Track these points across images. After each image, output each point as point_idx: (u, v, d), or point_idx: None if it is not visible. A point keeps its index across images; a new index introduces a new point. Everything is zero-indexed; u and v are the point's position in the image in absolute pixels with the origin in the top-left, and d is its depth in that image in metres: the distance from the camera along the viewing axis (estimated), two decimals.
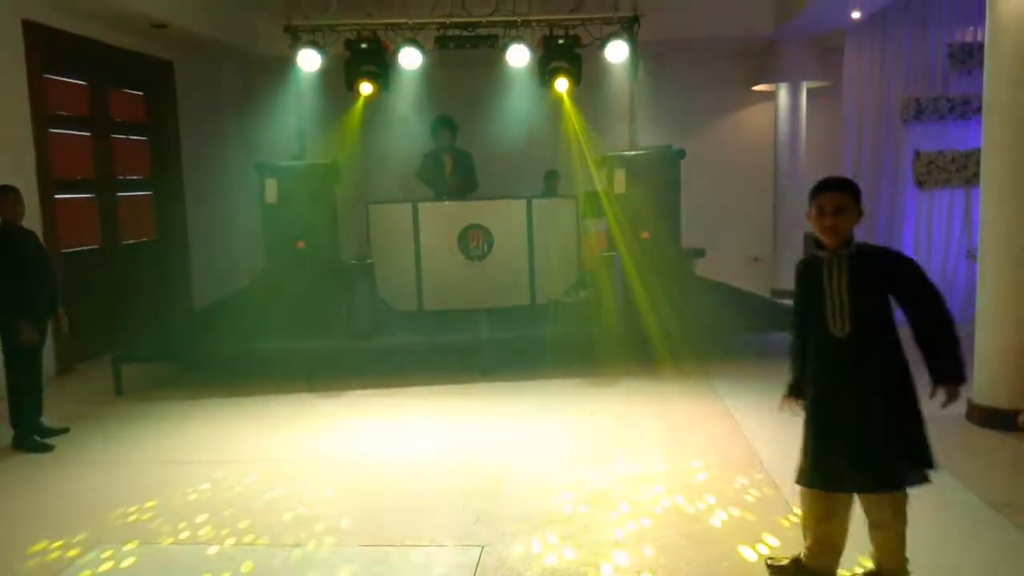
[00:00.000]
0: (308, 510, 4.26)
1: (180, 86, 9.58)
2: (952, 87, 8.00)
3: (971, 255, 7.89)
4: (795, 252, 10.48)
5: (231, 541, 3.92)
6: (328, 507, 4.30)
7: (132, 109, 9.08)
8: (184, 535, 4.01)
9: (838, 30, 9.37)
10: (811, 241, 3.23)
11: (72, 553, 3.82)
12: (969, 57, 7.87)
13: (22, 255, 5.29)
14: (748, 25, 9.61)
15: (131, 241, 8.89)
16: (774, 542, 3.73)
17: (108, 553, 3.81)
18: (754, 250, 11.18)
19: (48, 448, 5.35)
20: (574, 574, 3.50)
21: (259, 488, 4.58)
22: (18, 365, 5.35)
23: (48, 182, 7.25)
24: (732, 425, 5.45)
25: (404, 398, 6.35)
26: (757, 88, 10.75)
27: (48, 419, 5.63)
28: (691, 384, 6.44)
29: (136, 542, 3.93)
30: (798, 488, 3.31)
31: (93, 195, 8.30)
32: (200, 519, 4.18)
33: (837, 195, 3.09)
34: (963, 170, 7.48)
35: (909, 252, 8.38)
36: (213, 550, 3.83)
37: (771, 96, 10.65)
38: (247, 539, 3.94)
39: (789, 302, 3.64)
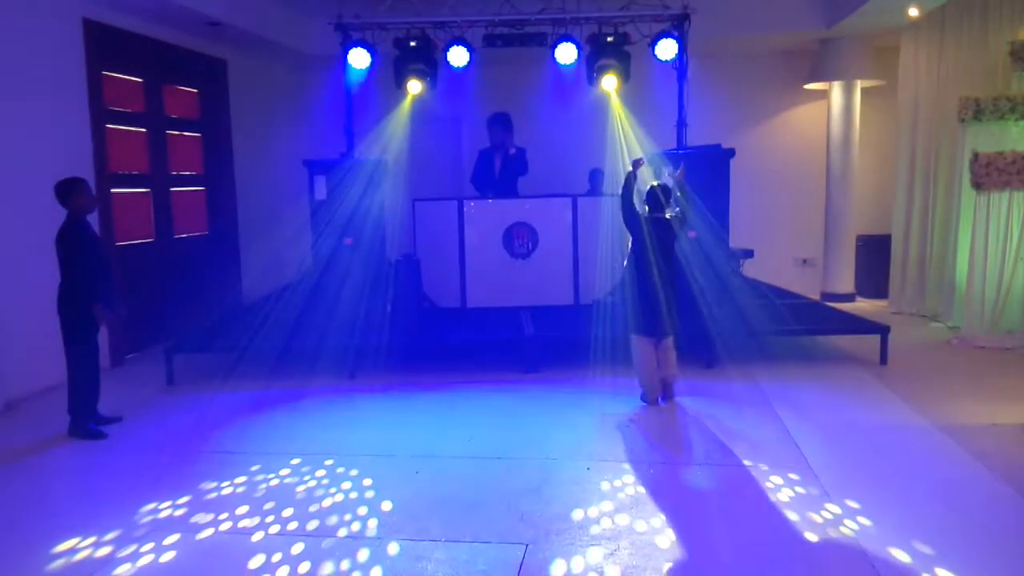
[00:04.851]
0: (352, 504, 4.30)
1: (233, 83, 9.74)
2: (1013, 86, 7.76)
3: None
4: (847, 255, 10.30)
5: (275, 532, 3.98)
6: (372, 502, 4.33)
7: (186, 106, 9.26)
8: (228, 524, 4.08)
9: (894, 28, 9.16)
10: None
11: (104, 550, 3.88)
12: None
13: (90, 247, 5.44)
14: (801, 23, 9.43)
15: (183, 235, 9.07)
16: (818, 541, 3.67)
17: (154, 541, 3.90)
18: (804, 252, 10.99)
19: (103, 435, 5.49)
20: (618, 575, 3.48)
21: (304, 480, 4.64)
22: (81, 353, 5.49)
23: (104, 176, 7.43)
24: (779, 427, 5.37)
25: (447, 394, 6.38)
26: (809, 87, 10.56)
27: (101, 408, 5.77)
28: (738, 386, 6.37)
29: (180, 531, 4.01)
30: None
31: (147, 189, 8.48)
32: (245, 509, 4.24)
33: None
34: None
35: (965, 255, 8.16)
36: (257, 540, 3.89)
37: (824, 95, 10.45)
38: (291, 530, 3.99)
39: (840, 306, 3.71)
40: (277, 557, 3.71)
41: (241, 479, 4.67)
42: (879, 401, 5.97)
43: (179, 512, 4.23)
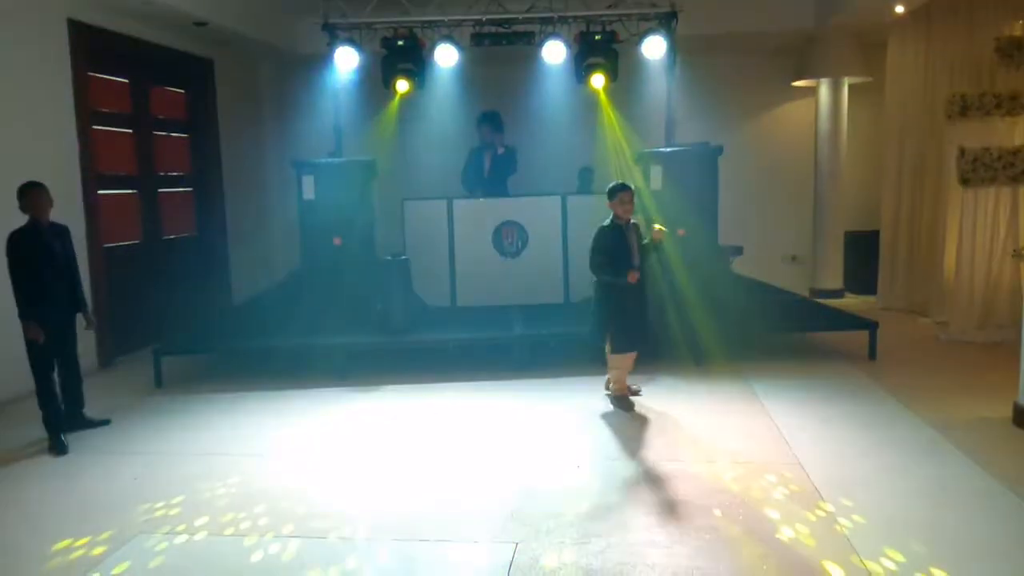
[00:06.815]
0: (343, 505, 4.29)
1: (220, 83, 9.70)
2: (999, 83, 7.79)
3: (1017, 254, 7.70)
4: (836, 252, 10.33)
5: (266, 534, 3.96)
6: (363, 502, 4.32)
7: (173, 106, 9.22)
8: (218, 527, 4.06)
9: (881, 24, 9.19)
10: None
11: (97, 551, 3.84)
12: (1017, 52, 7.64)
13: (44, 253, 5.29)
14: (789, 20, 9.46)
15: (171, 236, 9.03)
16: (808, 537, 3.67)
17: (145, 543, 3.88)
18: (793, 249, 11.03)
19: (63, 451, 5.21)
20: (608, 573, 3.48)
21: (294, 482, 4.62)
22: (39, 364, 5.32)
23: (91, 178, 7.38)
24: (768, 424, 5.38)
25: (438, 394, 6.37)
26: (797, 84, 10.58)
27: (89, 411, 5.75)
28: (728, 382, 6.38)
29: (170, 533, 3.99)
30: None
31: (135, 191, 8.44)
32: (234, 512, 4.23)
33: (631, 193, 5.76)
34: (1010, 168, 7.28)
35: (953, 251, 8.21)
36: (248, 543, 3.88)
37: (812, 92, 10.48)
38: (282, 532, 3.98)
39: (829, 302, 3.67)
40: (266, 561, 3.69)
41: (228, 482, 4.64)
42: (868, 396, 5.99)
43: (172, 513, 4.21)
